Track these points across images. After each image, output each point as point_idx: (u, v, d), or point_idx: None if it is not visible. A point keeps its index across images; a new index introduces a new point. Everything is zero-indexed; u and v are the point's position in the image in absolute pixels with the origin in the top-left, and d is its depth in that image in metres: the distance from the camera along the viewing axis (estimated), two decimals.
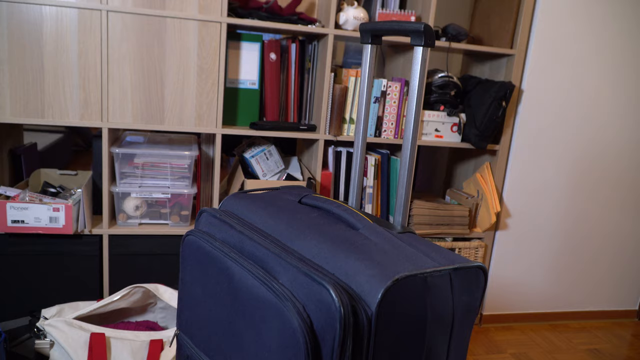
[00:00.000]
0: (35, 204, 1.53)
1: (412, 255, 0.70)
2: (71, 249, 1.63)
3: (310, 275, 0.65)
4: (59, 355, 1.42)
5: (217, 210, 0.89)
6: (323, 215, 0.83)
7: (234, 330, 0.74)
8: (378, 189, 1.91)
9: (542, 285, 2.16)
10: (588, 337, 2.08)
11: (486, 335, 2.02)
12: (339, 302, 0.60)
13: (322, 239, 0.73)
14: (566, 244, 2.14)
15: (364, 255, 0.68)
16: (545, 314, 2.19)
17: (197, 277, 0.83)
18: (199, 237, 0.84)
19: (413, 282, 0.64)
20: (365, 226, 0.78)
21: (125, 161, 1.65)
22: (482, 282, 0.73)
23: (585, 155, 2.06)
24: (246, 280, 0.71)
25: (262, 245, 0.74)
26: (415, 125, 0.90)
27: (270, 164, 1.83)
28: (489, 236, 2.03)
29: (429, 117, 1.87)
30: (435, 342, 0.68)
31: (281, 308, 0.64)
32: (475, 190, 2.04)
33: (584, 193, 2.10)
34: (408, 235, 0.80)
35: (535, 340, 2.02)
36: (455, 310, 0.69)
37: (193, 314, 0.85)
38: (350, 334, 0.60)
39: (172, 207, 1.72)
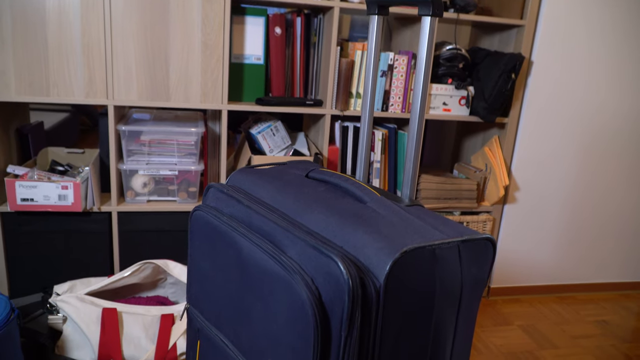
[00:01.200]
0: (44, 182, 1.53)
1: (420, 228, 0.70)
2: (81, 227, 1.65)
3: (319, 248, 0.65)
4: (72, 330, 1.44)
5: (224, 186, 0.89)
6: (330, 189, 0.83)
7: (243, 304, 0.75)
8: (385, 164, 1.90)
9: (550, 258, 2.16)
10: (595, 309, 2.09)
11: (494, 307, 2.03)
12: (347, 274, 0.60)
13: (330, 213, 0.73)
14: (574, 217, 2.13)
15: (371, 228, 0.68)
16: (552, 287, 2.20)
17: (206, 251, 0.84)
18: (206, 212, 0.84)
19: (421, 254, 0.64)
20: (373, 199, 0.77)
21: (131, 138, 1.65)
22: (490, 254, 0.73)
23: (594, 128, 2.03)
24: (254, 254, 0.71)
25: (269, 219, 0.74)
26: (423, 99, 0.89)
27: (276, 139, 1.82)
28: (497, 210, 2.03)
29: (436, 91, 1.85)
30: (444, 314, 0.68)
31: (290, 281, 0.64)
32: (484, 164, 2.03)
33: (593, 166, 2.08)
34: (416, 208, 0.79)
35: (543, 312, 2.03)
36: (464, 281, 0.69)
37: (202, 288, 0.86)
38: (358, 306, 0.61)
39: (179, 183, 1.73)
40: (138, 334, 1.46)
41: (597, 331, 1.91)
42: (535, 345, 1.78)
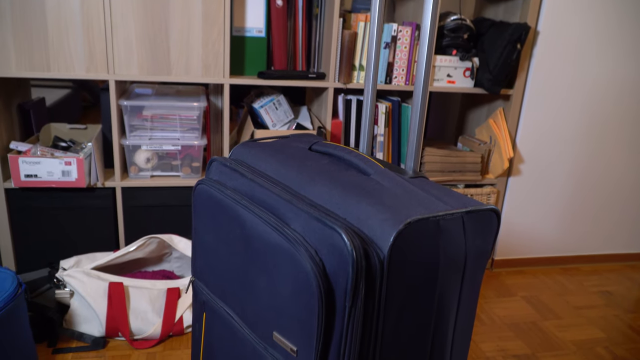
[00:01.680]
0: (47, 158, 1.53)
1: (424, 199, 0.69)
2: (85, 202, 1.65)
3: (322, 220, 0.64)
4: (79, 304, 1.46)
5: (227, 159, 0.89)
6: (334, 161, 0.83)
7: (248, 276, 0.75)
8: (389, 137, 1.89)
9: (554, 229, 2.16)
10: (599, 280, 2.10)
11: (497, 279, 2.04)
12: (351, 245, 0.60)
13: (333, 185, 0.72)
14: (579, 189, 2.12)
15: (375, 199, 0.67)
16: (556, 258, 2.20)
17: (210, 225, 0.84)
18: (210, 185, 0.83)
19: (425, 226, 0.63)
20: (377, 171, 0.77)
21: (134, 114, 1.64)
22: (494, 225, 0.72)
23: (600, 100, 2.01)
24: (258, 226, 0.71)
25: (273, 192, 0.74)
26: (427, 71, 0.88)
27: (279, 113, 1.81)
28: (502, 182, 2.02)
29: (441, 62, 1.82)
30: (448, 285, 0.68)
31: (294, 253, 0.64)
32: (488, 137, 2.01)
33: (599, 137, 2.06)
34: (420, 179, 0.79)
35: (547, 284, 2.04)
36: (468, 253, 0.69)
37: (207, 262, 0.86)
38: (362, 278, 0.61)
39: (182, 158, 1.72)
40: (144, 307, 1.48)
41: (601, 302, 1.92)
42: (538, 316, 1.80)
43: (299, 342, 0.66)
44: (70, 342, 1.45)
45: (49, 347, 1.42)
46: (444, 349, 0.72)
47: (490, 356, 1.55)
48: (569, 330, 1.72)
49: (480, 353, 1.56)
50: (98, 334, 1.46)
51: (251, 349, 0.76)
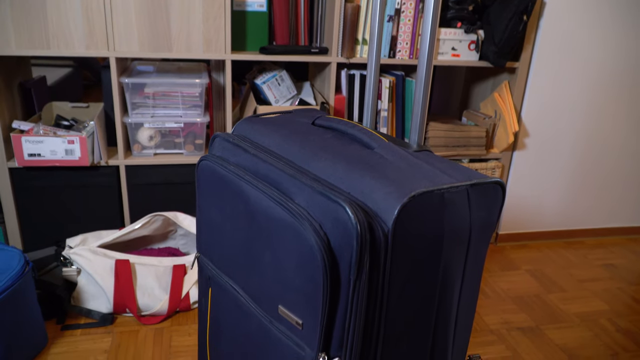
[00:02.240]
0: (50, 137, 1.53)
1: (429, 173, 0.69)
2: (89, 181, 1.65)
3: (326, 194, 0.64)
4: (87, 281, 1.47)
5: (230, 135, 0.88)
6: (337, 136, 0.82)
7: (253, 252, 0.75)
8: (393, 112, 1.87)
9: (559, 203, 2.15)
10: (604, 253, 2.10)
11: (502, 253, 2.05)
12: (355, 219, 0.60)
13: (337, 159, 0.72)
14: (584, 162, 2.11)
15: (379, 173, 0.67)
16: (561, 232, 2.20)
17: (213, 201, 0.83)
18: (213, 161, 0.83)
19: (429, 198, 0.63)
20: (381, 145, 0.76)
21: (135, 91, 1.63)
22: (499, 197, 0.72)
23: (607, 73, 1.98)
24: (262, 201, 0.71)
25: (276, 167, 0.74)
26: (431, 44, 0.86)
27: (282, 89, 1.79)
28: (506, 157, 2.01)
29: (445, 35, 1.80)
30: (452, 258, 0.68)
31: (298, 227, 0.64)
32: (493, 111, 1.99)
33: (604, 111, 2.04)
34: (424, 153, 0.78)
35: (551, 257, 2.04)
36: (473, 226, 0.69)
37: (211, 237, 0.87)
38: (367, 251, 0.61)
39: (185, 136, 1.72)
40: (151, 284, 1.49)
41: (605, 275, 1.93)
42: (542, 289, 1.80)
43: (304, 315, 0.67)
44: (79, 319, 1.47)
45: (57, 324, 1.44)
46: (449, 321, 0.72)
47: (494, 329, 1.56)
48: (573, 303, 1.73)
49: (485, 325, 1.57)
50: (106, 310, 1.48)
51: (257, 322, 0.77)
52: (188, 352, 1.37)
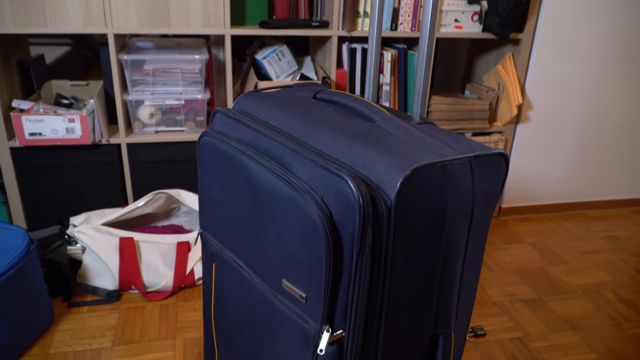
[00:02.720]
0: (51, 116, 1.52)
1: (432, 145, 0.68)
2: (91, 159, 1.65)
3: (328, 167, 0.64)
4: (92, 259, 1.48)
5: (230, 110, 0.87)
6: (338, 109, 0.81)
7: (256, 227, 0.75)
8: (395, 86, 1.86)
9: (562, 176, 2.15)
10: (606, 225, 2.10)
11: (505, 226, 2.05)
12: (358, 192, 0.59)
13: (338, 133, 0.71)
14: (587, 135, 2.09)
15: (381, 146, 0.66)
16: (563, 205, 2.20)
17: (215, 177, 0.83)
18: (214, 137, 0.83)
19: (432, 171, 0.63)
20: (383, 118, 0.75)
21: (135, 68, 1.61)
22: (503, 169, 0.71)
23: (613, 44, 1.95)
24: (264, 176, 0.71)
25: (277, 142, 0.73)
26: (434, 16, 0.85)
27: (282, 64, 1.77)
28: (510, 130, 2.00)
29: (448, 6, 1.77)
30: (455, 230, 0.68)
31: (300, 201, 0.64)
32: (496, 83, 1.97)
33: (608, 82, 2.01)
34: (427, 125, 0.77)
35: (554, 230, 2.05)
36: (476, 197, 0.69)
37: (214, 213, 0.87)
38: (369, 224, 0.60)
39: (186, 113, 1.71)
40: (156, 261, 1.50)
41: (608, 246, 1.93)
42: (545, 261, 1.81)
43: (307, 289, 0.67)
44: (85, 296, 1.48)
45: (64, 301, 1.46)
46: (452, 294, 0.72)
47: (497, 301, 1.57)
48: (576, 275, 1.73)
49: (488, 298, 1.58)
50: (112, 287, 1.49)
51: (261, 297, 0.77)
52: (194, 327, 1.39)
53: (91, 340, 1.32)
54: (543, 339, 1.42)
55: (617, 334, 1.45)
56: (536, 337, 1.42)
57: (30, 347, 1.29)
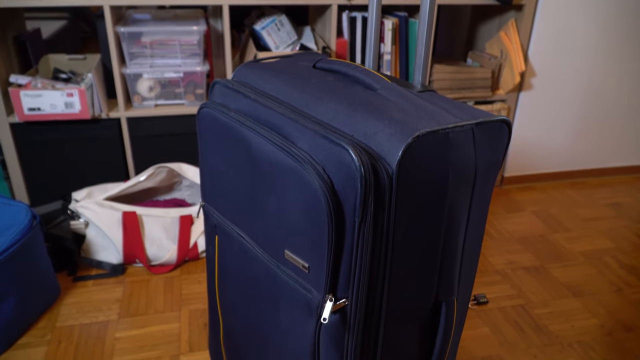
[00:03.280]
0: (49, 91, 1.51)
1: (433, 113, 0.67)
2: (91, 134, 1.65)
3: (328, 137, 0.63)
4: (95, 233, 1.49)
5: (229, 81, 0.86)
6: (339, 78, 0.80)
7: (257, 198, 0.75)
8: (396, 55, 1.83)
9: (565, 144, 2.13)
10: (609, 192, 2.10)
11: (507, 195, 2.05)
12: (359, 161, 0.59)
13: (339, 102, 0.70)
14: (590, 102, 2.07)
15: (382, 115, 0.65)
16: (566, 173, 2.19)
17: (215, 148, 0.83)
18: (213, 108, 0.82)
19: (434, 138, 0.62)
20: (384, 86, 0.74)
21: (132, 40, 1.59)
22: (505, 136, 0.71)
23: (616, 10, 1.91)
24: (264, 147, 0.70)
25: (277, 112, 0.72)
26: None
27: (282, 35, 1.75)
28: (512, 98, 1.98)
29: None
30: (458, 198, 0.68)
31: (301, 171, 0.63)
32: (499, 51, 1.94)
33: (611, 49, 1.98)
34: (429, 93, 0.76)
35: (556, 198, 2.04)
36: (478, 165, 0.68)
37: (215, 185, 0.86)
38: (371, 193, 0.60)
39: (185, 86, 1.69)
40: (159, 235, 1.51)
41: (610, 213, 1.93)
42: (547, 229, 1.81)
43: (310, 258, 0.67)
44: (90, 270, 1.50)
45: (69, 276, 1.47)
46: (454, 262, 0.72)
47: (499, 269, 1.58)
48: (578, 242, 1.74)
49: (490, 266, 1.59)
50: (116, 261, 1.50)
51: (264, 267, 0.78)
52: (198, 299, 1.40)
53: (97, 313, 1.34)
54: (545, 306, 1.43)
55: (618, 299, 1.46)
56: (538, 304, 1.43)
57: (37, 320, 1.31)
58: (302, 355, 0.74)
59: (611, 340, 1.32)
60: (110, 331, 1.28)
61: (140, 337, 1.27)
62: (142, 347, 1.24)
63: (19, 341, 1.24)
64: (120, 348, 1.23)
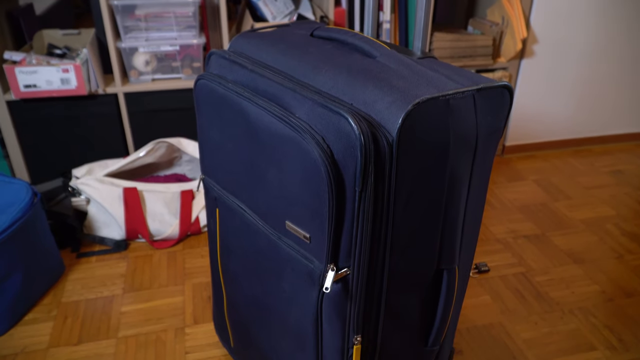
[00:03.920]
0: (44, 67, 1.49)
1: (433, 79, 0.66)
2: (89, 110, 1.63)
3: (327, 106, 0.62)
4: (97, 210, 1.49)
5: (226, 52, 0.85)
6: (337, 46, 0.78)
7: (256, 170, 0.74)
8: (396, 24, 1.80)
9: (567, 112, 2.11)
10: (611, 160, 2.09)
11: (508, 165, 2.04)
12: (359, 130, 0.58)
13: (338, 71, 0.69)
14: (592, 69, 2.04)
15: (382, 82, 0.64)
16: (568, 141, 2.18)
17: (213, 121, 0.82)
18: (210, 80, 0.80)
19: (435, 105, 0.61)
20: (383, 54, 0.73)
21: (126, 13, 1.56)
22: (507, 102, 0.70)
23: None
24: (262, 118, 0.69)
25: (275, 82, 0.71)
26: None
27: (279, 5, 1.72)
28: (514, 65, 1.95)
29: None
30: (459, 166, 0.67)
31: (300, 141, 0.63)
32: (500, 17, 1.91)
33: (614, 14, 1.95)
34: (428, 60, 0.75)
35: (558, 166, 2.04)
36: (479, 132, 0.67)
37: (214, 158, 0.86)
38: (371, 162, 0.60)
39: (182, 59, 1.67)
40: (160, 210, 1.51)
41: (612, 181, 1.93)
42: (548, 197, 1.81)
43: (311, 229, 0.67)
44: (93, 247, 1.50)
45: (72, 253, 1.48)
46: (455, 229, 0.72)
47: (500, 238, 1.59)
48: (579, 210, 1.74)
49: (491, 235, 1.60)
50: (119, 237, 1.51)
51: (265, 239, 0.78)
52: (201, 272, 1.41)
53: (102, 289, 1.35)
54: (546, 273, 1.44)
55: (619, 265, 1.47)
56: (539, 272, 1.44)
57: (42, 296, 1.32)
58: (305, 324, 0.75)
59: (612, 305, 1.33)
60: (115, 306, 1.29)
61: (146, 311, 1.28)
62: (147, 321, 1.25)
63: (26, 317, 1.26)
64: (126, 322, 1.25)
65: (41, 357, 1.15)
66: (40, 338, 1.20)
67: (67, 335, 1.21)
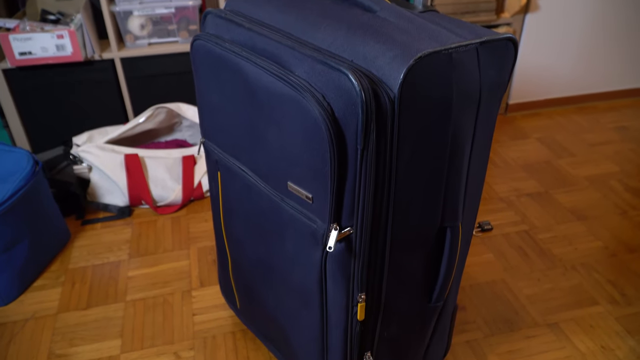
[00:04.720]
0: (38, 33, 1.47)
1: (436, 33, 0.64)
2: (86, 77, 1.61)
3: (327, 63, 0.61)
4: (99, 177, 1.49)
5: (222, 10, 0.83)
6: (336, 1, 0.76)
7: (257, 130, 0.74)
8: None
9: (571, 68, 2.08)
10: (616, 116, 2.07)
11: (512, 123, 2.02)
12: (359, 86, 0.57)
13: (337, 27, 0.67)
14: (596, 24, 2.00)
15: (383, 37, 0.63)
16: (573, 98, 2.15)
17: (211, 82, 0.80)
18: (206, 40, 0.79)
19: (437, 59, 0.60)
20: (383, 8, 0.71)
21: None
22: (511, 55, 0.68)
23: None
24: (261, 77, 0.68)
25: (273, 40, 0.70)
26: None
27: None
28: (518, 21, 1.91)
29: None
30: (462, 121, 0.66)
31: (300, 100, 0.62)
32: None
33: None
34: (430, 13, 0.73)
35: (562, 124, 2.02)
36: (483, 86, 0.66)
37: (214, 120, 0.85)
38: (373, 119, 0.59)
39: (178, 22, 1.64)
40: (162, 175, 1.50)
41: (616, 137, 1.91)
42: (552, 155, 1.80)
43: (313, 189, 0.66)
44: (97, 214, 1.51)
45: (77, 220, 1.49)
46: (459, 186, 0.72)
47: (503, 196, 1.58)
48: (583, 167, 1.73)
49: (494, 194, 1.60)
50: (122, 203, 1.51)
51: (268, 200, 0.77)
52: (205, 236, 1.42)
53: (108, 254, 1.36)
54: (549, 230, 1.44)
55: (622, 221, 1.47)
56: (542, 229, 1.45)
57: (49, 263, 1.33)
58: (309, 283, 0.76)
59: (615, 261, 1.33)
60: (122, 270, 1.31)
61: (152, 275, 1.30)
62: (154, 285, 1.27)
63: (35, 284, 1.27)
64: (133, 286, 1.26)
65: (51, 321, 1.17)
66: (49, 304, 1.22)
67: (76, 300, 1.23)
